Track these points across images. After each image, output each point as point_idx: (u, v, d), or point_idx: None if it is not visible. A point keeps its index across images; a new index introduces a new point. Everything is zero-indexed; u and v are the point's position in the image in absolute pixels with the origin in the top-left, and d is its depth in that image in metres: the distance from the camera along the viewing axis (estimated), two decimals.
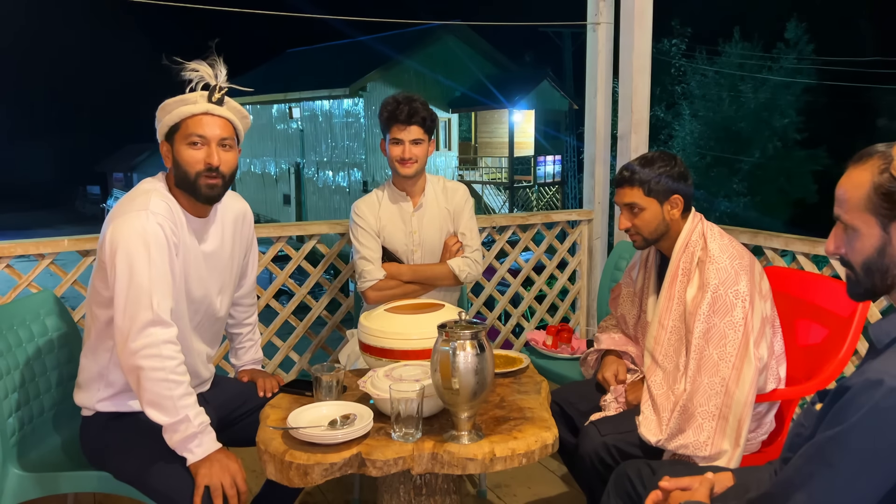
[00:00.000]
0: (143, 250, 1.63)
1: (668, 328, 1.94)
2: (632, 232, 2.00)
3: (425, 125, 2.39)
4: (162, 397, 1.59)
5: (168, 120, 1.74)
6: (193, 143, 1.73)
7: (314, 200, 22.43)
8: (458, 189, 2.56)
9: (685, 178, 1.95)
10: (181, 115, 1.72)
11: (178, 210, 1.76)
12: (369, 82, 20.01)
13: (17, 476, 1.79)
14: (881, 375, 1.04)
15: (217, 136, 1.74)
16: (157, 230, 1.66)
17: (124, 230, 1.65)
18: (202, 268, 1.83)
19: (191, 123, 1.72)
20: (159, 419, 1.60)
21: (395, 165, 2.41)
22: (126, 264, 1.62)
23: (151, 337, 1.60)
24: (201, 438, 1.62)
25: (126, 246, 1.63)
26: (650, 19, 3.29)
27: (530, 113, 21.53)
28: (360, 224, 2.46)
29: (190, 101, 1.73)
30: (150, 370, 1.59)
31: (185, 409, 1.60)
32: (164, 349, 1.61)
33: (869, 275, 1.17)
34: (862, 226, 1.15)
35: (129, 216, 1.67)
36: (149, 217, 1.66)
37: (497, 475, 2.67)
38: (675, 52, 20.65)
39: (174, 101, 1.73)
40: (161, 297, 1.63)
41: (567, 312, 3.68)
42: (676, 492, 1.33)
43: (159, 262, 1.65)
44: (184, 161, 1.73)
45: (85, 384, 1.81)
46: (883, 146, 1.15)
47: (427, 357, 1.59)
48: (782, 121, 19.44)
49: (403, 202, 2.49)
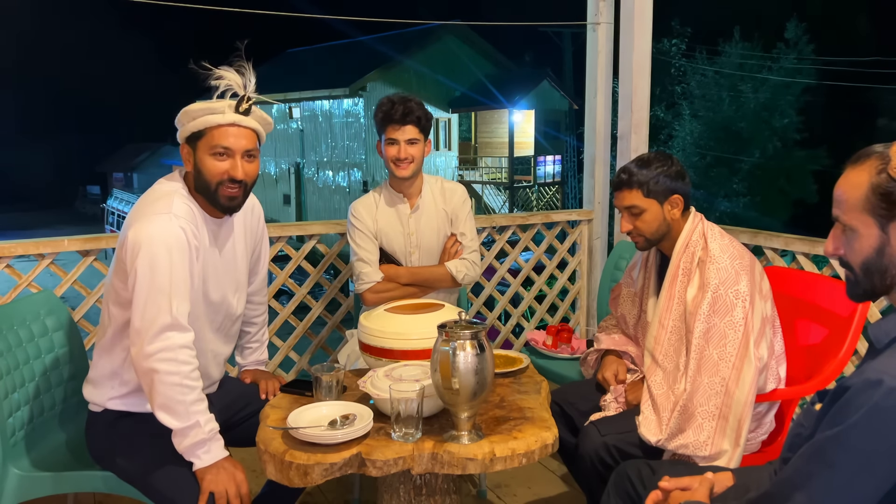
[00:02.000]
0: (166, 254, 1.63)
1: (669, 328, 1.94)
2: (634, 234, 1.99)
3: (420, 124, 2.38)
4: (175, 402, 1.60)
5: (192, 126, 1.71)
6: (219, 154, 1.71)
7: (314, 200, 22.44)
8: (456, 190, 2.55)
9: (682, 176, 1.95)
10: (206, 123, 1.69)
11: (198, 212, 1.76)
12: (369, 82, 20.02)
13: (17, 476, 1.79)
14: (881, 375, 1.04)
15: (242, 147, 1.72)
16: (179, 234, 1.66)
17: (147, 232, 1.64)
18: (219, 269, 1.83)
19: (217, 134, 1.70)
20: (170, 423, 1.61)
21: (391, 166, 2.40)
22: (147, 267, 1.62)
23: (168, 341, 1.61)
24: (210, 445, 1.62)
25: (149, 248, 1.62)
26: (650, 19, 3.29)
27: (530, 113, 21.54)
28: (358, 226, 2.45)
29: (217, 111, 1.69)
30: (165, 374, 1.60)
31: (196, 415, 1.61)
32: (181, 354, 1.62)
33: (868, 275, 1.17)
34: (860, 226, 1.15)
35: (152, 218, 1.66)
36: (171, 220, 1.66)
37: (497, 475, 2.67)
38: (675, 52, 20.65)
39: (200, 109, 1.70)
40: (180, 302, 1.64)
41: (567, 312, 3.68)
42: (676, 492, 1.33)
43: (180, 267, 1.65)
44: (206, 170, 1.72)
45: (97, 381, 1.81)
46: (881, 147, 1.15)
47: (427, 357, 1.59)
48: (782, 121, 19.44)
49: (400, 204, 2.48)
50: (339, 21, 13.96)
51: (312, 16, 3.68)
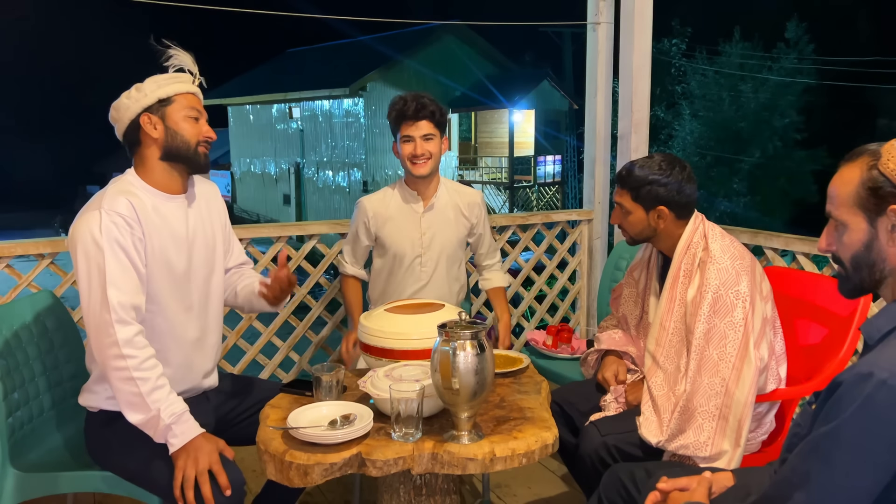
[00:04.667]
0: (97, 249, 1.64)
1: (670, 330, 1.94)
2: (620, 228, 2.04)
3: (435, 119, 2.33)
4: (131, 395, 1.61)
5: (160, 92, 1.78)
6: (193, 118, 1.81)
7: (314, 200, 22.42)
8: (475, 197, 2.55)
9: (680, 188, 1.92)
10: (178, 90, 1.80)
11: (148, 192, 1.77)
12: (369, 82, 20.00)
13: (16, 476, 1.79)
14: (871, 368, 1.05)
15: (206, 115, 1.86)
16: (109, 226, 1.66)
17: (80, 230, 1.67)
18: (183, 246, 1.82)
19: (189, 98, 1.82)
20: (134, 418, 1.62)
21: (408, 165, 2.34)
22: (83, 264, 1.65)
23: (111, 336, 1.62)
24: (175, 429, 1.61)
25: (82, 245, 1.65)
26: (650, 19, 3.29)
27: (530, 113, 21.51)
28: (358, 225, 2.47)
29: (185, 80, 1.83)
30: (115, 370, 1.62)
31: (155, 404, 1.61)
32: (126, 348, 1.62)
33: (857, 269, 1.19)
34: (850, 221, 1.18)
35: (85, 216, 1.69)
36: (103, 216, 1.66)
37: (497, 475, 2.67)
38: (675, 52, 20.62)
39: (166, 78, 1.81)
40: (119, 295, 1.63)
41: (567, 312, 3.68)
42: (675, 492, 1.33)
43: (114, 260, 1.65)
44: (184, 131, 1.80)
45: (91, 387, 1.82)
46: (874, 145, 1.18)
47: (427, 357, 1.59)
48: (782, 121, 19.42)
49: (414, 202, 2.44)
50: (339, 21, 13.97)
51: (312, 16, 3.68)
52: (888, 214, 1.13)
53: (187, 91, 1.82)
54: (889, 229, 1.14)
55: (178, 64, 1.85)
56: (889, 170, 1.12)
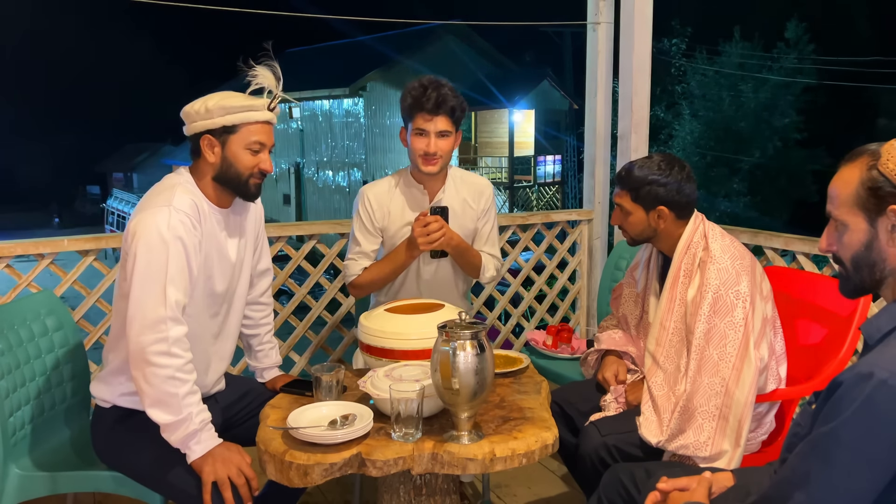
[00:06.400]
0: (162, 245, 1.64)
1: (670, 330, 1.94)
2: (621, 229, 2.03)
3: (454, 115, 2.13)
4: (168, 395, 1.61)
5: (227, 120, 1.74)
6: (254, 150, 1.78)
7: (314, 200, 22.43)
8: (482, 186, 2.38)
9: (680, 188, 1.92)
10: (245, 119, 1.75)
11: (204, 202, 1.78)
12: (369, 82, 20.01)
13: (17, 476, 1.79)
14: (871, 368, 1.05)
15: (271, 143, 1.83)
16: (177, 226, 1.67)
17: (145, 223, 1.66)
18: (225, 258, 1.84)
19: (254, 130, 1.77)
20: (162, 418, 1.61)
21: (418, 161, 2.16)
22: (145, 258, 1.64)
23: (162, 333, 1.62)
24: (200, 435, 1.63)
25: (147, 240, 1.64)
26: (650, 19, 3.29)
27: (530, 113, 21.52)
28: (363, 217, 2.29)
29: (256, 109, 1.77)
30: (158, 367, 1.61)
31: (188, 408, 1.62)
32: (174, 347, 1.63)
33: (858, 269, 1.19)
34: (850, 221, 1.18)
35: (152, 210, 1.68)
36: (171, 212, 1.68)
37: (497, 475, 2.67)
38: (675, 51, 20.62)
39: (240, 105, 1.74)
40: (175, 292, 1.65)
41: (567, 312, 3.67)
42: (675, 492, 1.33)
43: (177, 259, 1.66)
44: (240, 162, 1.77)
45: (107, 377, 1.81)
46: (874, 145, 1.18)
47: (427, 357, 1.59)
48: (782, 121, 19.42)
49: (419, 195, 2.28)
50: (339, 21, 13.94)
51: (312, 16, 3.68)
52: (888, 214, 1.14)
53: (255, 120, 1.76)
54: (889, 229, 1.14)
55: (259, 84, 1.78)
56: (889, 170, 1.13)
